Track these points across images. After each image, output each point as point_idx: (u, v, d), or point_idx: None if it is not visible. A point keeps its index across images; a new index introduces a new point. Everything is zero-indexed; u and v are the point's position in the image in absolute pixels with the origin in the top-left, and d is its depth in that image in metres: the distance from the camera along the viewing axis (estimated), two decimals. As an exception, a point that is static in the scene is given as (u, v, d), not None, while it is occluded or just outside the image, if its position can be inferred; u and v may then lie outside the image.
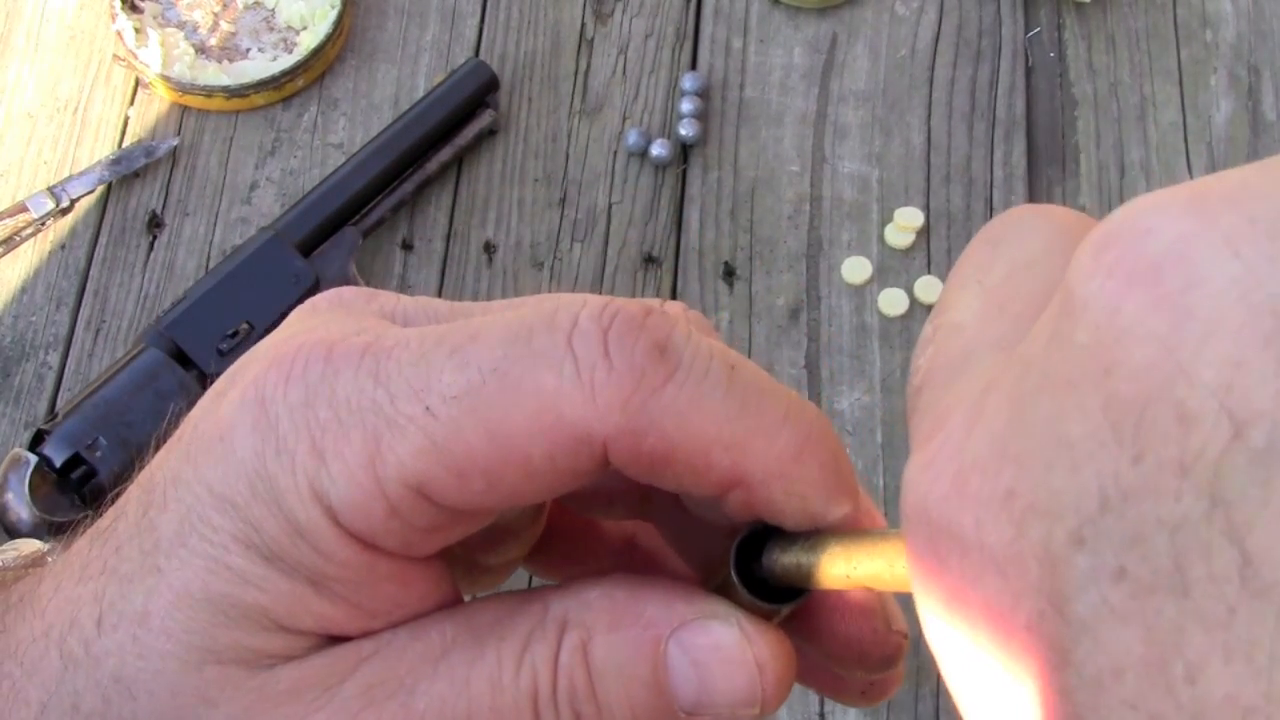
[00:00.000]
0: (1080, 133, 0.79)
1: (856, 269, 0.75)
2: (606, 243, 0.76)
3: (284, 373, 0.23)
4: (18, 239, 0.75)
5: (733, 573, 0.24)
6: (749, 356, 0.73)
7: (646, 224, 0.76)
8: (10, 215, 0.74)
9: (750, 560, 0.24)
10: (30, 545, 0.46)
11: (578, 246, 0.76)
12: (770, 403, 0.23)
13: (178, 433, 0.24)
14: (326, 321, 0.24)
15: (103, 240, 0.76)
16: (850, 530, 0.23)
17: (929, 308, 0.74)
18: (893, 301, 0.74)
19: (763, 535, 0.24)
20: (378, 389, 0.22)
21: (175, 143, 0.78)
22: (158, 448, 0.25)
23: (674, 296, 0.74)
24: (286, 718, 0.23)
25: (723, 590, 0.24)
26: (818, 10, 0.82)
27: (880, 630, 0.25)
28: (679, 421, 0.22)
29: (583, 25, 0.82)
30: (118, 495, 0.25)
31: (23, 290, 0.74)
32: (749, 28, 0.82)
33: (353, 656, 0.23)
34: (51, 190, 0.75)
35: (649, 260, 0.75)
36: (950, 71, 0.80)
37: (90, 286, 0.74)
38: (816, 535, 0.23)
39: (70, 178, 0.76)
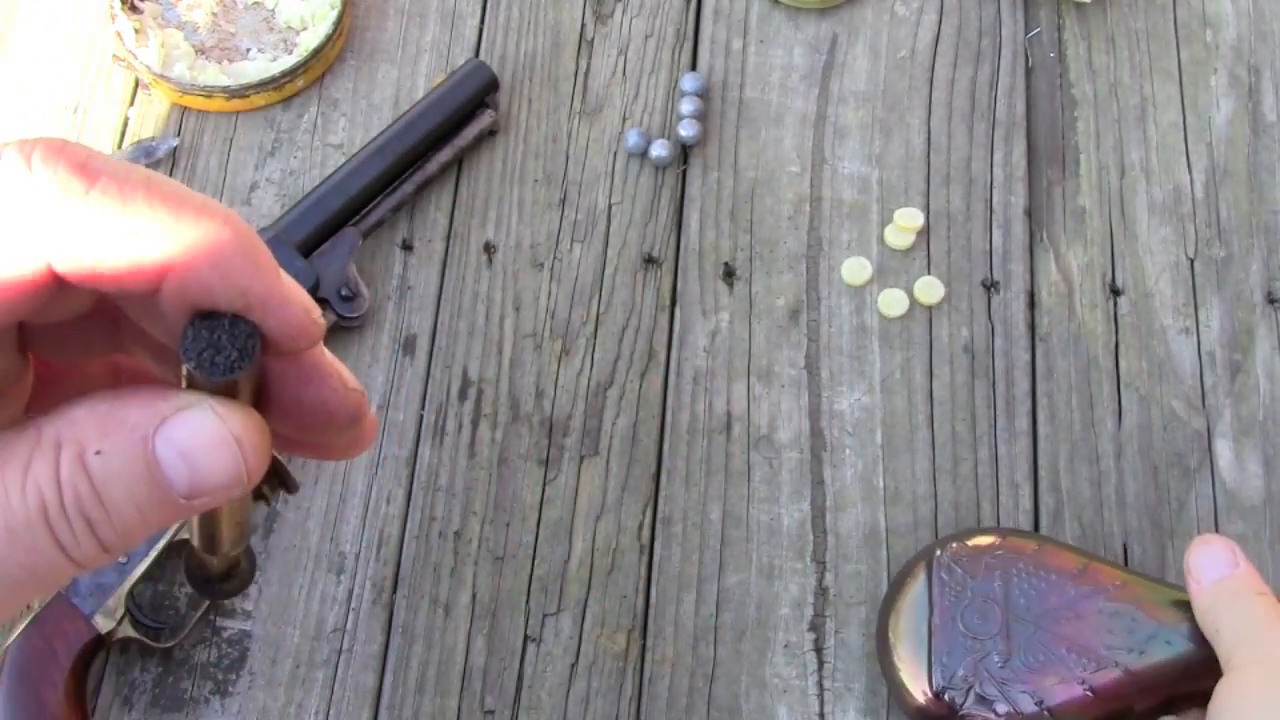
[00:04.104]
0: (1080, 133, 0.79)
1: (856, 269, 0.75)
2: (606, 243, 0.76)
3: None
4: (17, 239, 0.75)
5: (182, 356, 0.26)
6: (749, 357, 0.73)
7: (646, 224, 0.76)
8: (10, 216, 0.74)
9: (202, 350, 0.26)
10: None
11: (578, 247, 0.76)
12: (189, 198, 0.26)
13: None
14: None
15: (102, 241, 0.76)
16: None
17: (929, 308, 0.74)
18: (892, 302, 0.74)
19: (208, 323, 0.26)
20: None
21: (175, 143, 0.78)
22: None
23: (674, 297, 0.74)
24: None
25: (191, 384, 0.27)
26: (818, 10, 0.82)
27: (340, 390, 0.29)
28: (105, 219, 0.25)
29: (583, 26, 0.82)
30: None
31: (22, 291, 0.74)
32: (749, 28, 0.82)
33: None
34: (51, 191, 0.75)
35: (649, 261, 0.75)
36: (950, 72, 0.80)
37: (90, 287, 0.74)
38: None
39: (70, 178, 0.76)
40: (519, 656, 0.67)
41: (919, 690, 0.62)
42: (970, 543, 0.64)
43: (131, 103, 0.79)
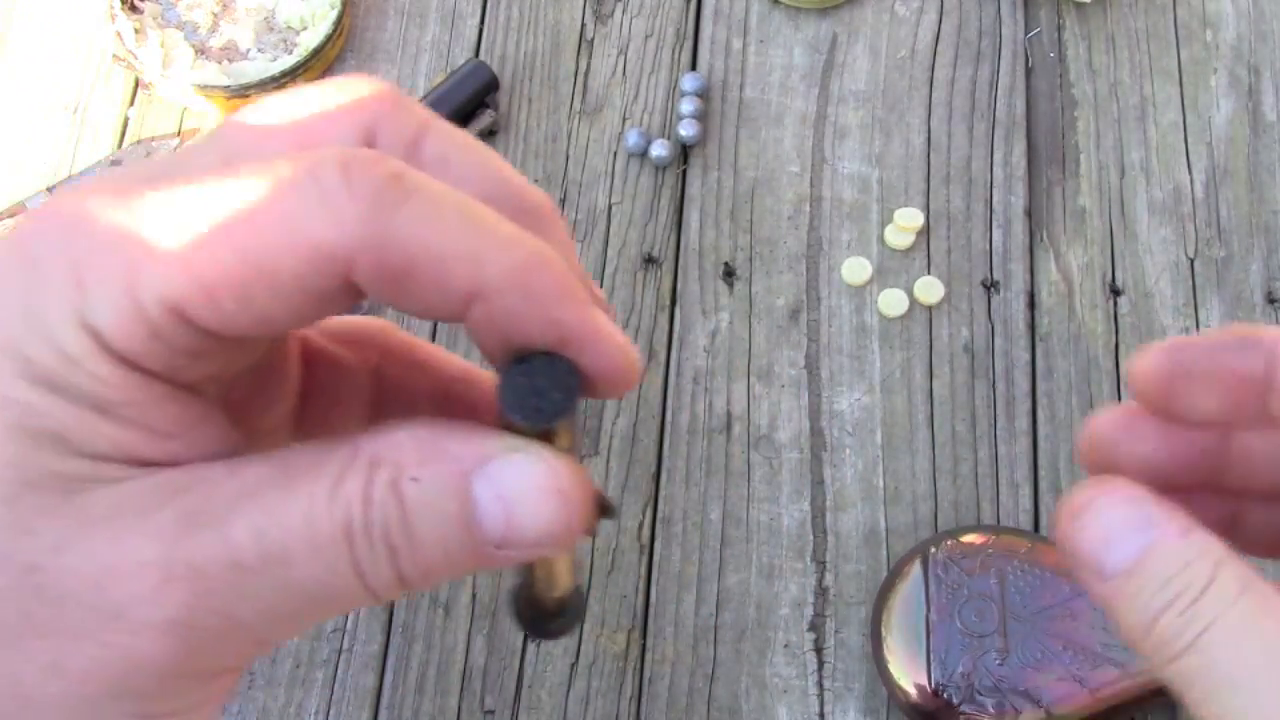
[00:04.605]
0: (1080, 133, 0.79)
1: (856, 269, 0.75)
2: (606, 243, 0.76)
3: (38, 219, 0.24)
4: (17, 239, 0.75)
5: (500, 402, 0.25)
6: (749, 357, 0.73)
7: (646, 224, 0.76)
8: (10, 216, 0.74)
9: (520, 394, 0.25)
10: None
11: (578, 247, 0.76)
12: (503, 224, 0.24)
13: None
14: (97, 190, 0.25)
15: (102, 240, 0.76)
16: None
17: (928, 308, 0.74)
18: (892, 302, 0.74)
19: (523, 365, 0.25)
20: (131, 218, 0.23)
21: (175, 143, 0.78)
22: None
23: (674, 297, 0.74)
24: (105, 540, 0.23)
25: (506, 427, 0.25)
26: (818, 10, 0.82)
27: (620, 355, 0.26)
28: (418, 234, 0.24)
29: (583, 25, 0.82)
30: None
31: (22, 290, 0.74)
32: (749, 28, 0.82)
33: (169, 486, 0.24)
34: (51, 191, 0.75)
35: (649, 260, 0.75)
36: (950, 72, 0.80)
37: (90, 287, 0.74)
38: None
39: (70, 178, 0.76)
40: (519, 656, 0.67)
41: (917, 686, 0.62)
42: (964, 540, 0.64)
43: (131, 103, 0.79)
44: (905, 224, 0.75)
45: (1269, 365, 0.29)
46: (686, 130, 0.77)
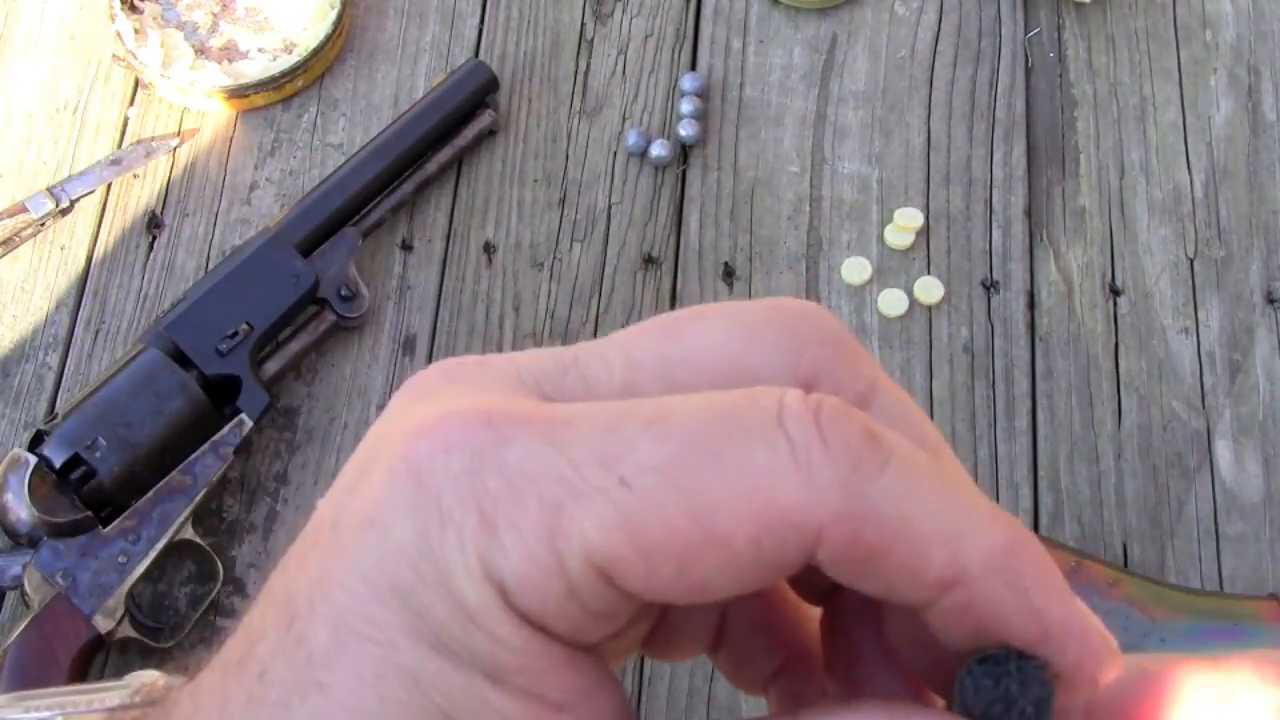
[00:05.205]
0: (1080, 133, 0.79)
1: (856, 269, 0.75)
2: (606, 243, 0.76)
3: (440, 442, 0.20)
4: (17, 240, 0.75)
5: (959, 708, 0.22)
6: (749, 357, 0.73)
7: (646, 224, 0.76)
8: (10, 216, 0.74)
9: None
10: (147, 676, 0.45)
11: (577, 247, 0.76)
12: (978, 496, 0.21)
13: (308, 536, 0.22)
14: (458, 394, 0.22)
15: (102, 241, 0.76)
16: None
17: (928, 308, 0.74)
18: (892, 302, 0.74)
19: (983, 665, 0.22)
20: (558, 456, 0.20)
21: (175, 143, 0.78)
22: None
23: (673, 297, 0.74)
24: None
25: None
26: (817, 10, 0.82)
27: (1108, 653, 0.22)
28: (899, 510, 0.20)
29: (582, 25, 0.82)
30: (235, 623, 0.23)
31: (22, 291, 0.74)
32: (749, 28, 0.82)
33: None
34: (51, 191, 0.75)
35: (649, 261, 0.75)
36: (950, 72, 0.80)
37: (90, 287, 0.74)
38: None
39: (70, 178, 0.76)
40: (519, 656, 0.67)
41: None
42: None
43: (131, 103, 0.79)
44: (905, 224, 0.75)
45: None
46: (686, 130, 0.77)
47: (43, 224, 0.75)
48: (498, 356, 0.23)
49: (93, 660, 0.64)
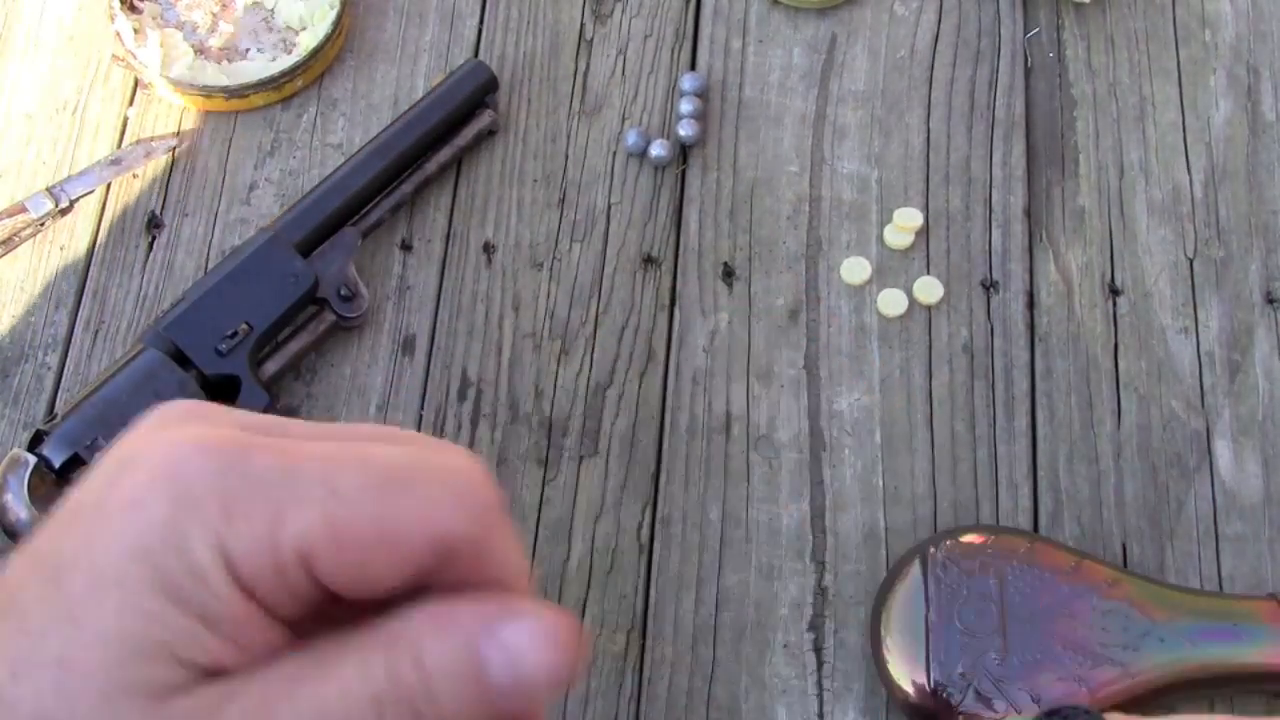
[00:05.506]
0: (1080, 133, 0.79)
1: (856, 269, 0.75)
2: (606, 243, 0.76)
3: (199, 449, 0.27)
4: (16, 240, 0.75)
5: None
6: (748, 357, 0.73)
7: (646, 224, 0.76)
8: (9, 216, 0.74)
9: None
10: None
11: (577, 247, 0.76)
12: (519, 547, 0.30)
13: (67, 513, 0.28)
14: (207, 425, 0.29)
15: (102, 241, 0.76)
16: None
17: (928, 308, 0.74)
18: (892, 302, 0.74)
19: None
20: (287, 472, 0.27)
21: (174, 143, 0.78)
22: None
23: (673, 297, 0.74)
24: None
25: None
26: (817, 10, 0.82)
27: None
28: (500, 544, 0.29)
29: (582, 25, 0.82)
30: None
31: (21, 291, 0.74)
32: (748, 28, 0.82)
33: (226, 689, 0.27)
34: (50, 191, 0.75)
35: (648, 260, 0.75)
36: (950, 71, 0.80)
37: (89, 287, 0.74)
38: None
39: (69, 178, 0.76)
40: (518, 656, 0.67)
41: (916, 686, 0.62)
42: (963, 540, 0.64)
43: (131, 103, 0.79)
44: (904, 224, 0.75)
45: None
46: (686, 130, 0.77)
47: (42, 224, 0.75)
48: (228, 408, 0.31)
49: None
